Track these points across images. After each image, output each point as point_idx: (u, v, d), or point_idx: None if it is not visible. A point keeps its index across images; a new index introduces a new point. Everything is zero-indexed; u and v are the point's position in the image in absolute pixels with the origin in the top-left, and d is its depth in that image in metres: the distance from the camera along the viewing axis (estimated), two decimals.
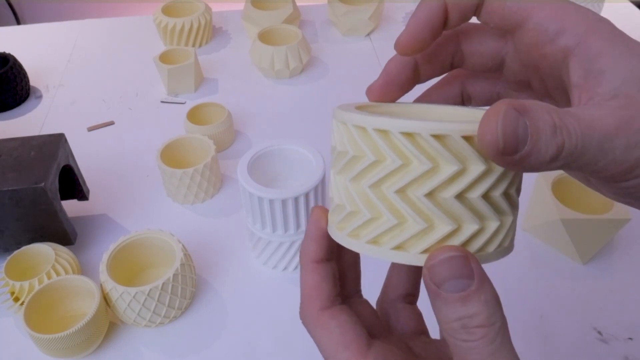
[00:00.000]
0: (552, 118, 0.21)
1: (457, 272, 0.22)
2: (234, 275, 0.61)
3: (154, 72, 0.93)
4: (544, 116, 0.21)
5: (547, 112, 0.21)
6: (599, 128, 0.21)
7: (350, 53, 0.99)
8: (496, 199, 0.23)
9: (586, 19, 0.24)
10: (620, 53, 0.23)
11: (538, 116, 0.21)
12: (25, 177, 0.56)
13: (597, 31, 0.23)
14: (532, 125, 0.21)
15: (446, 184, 0.22)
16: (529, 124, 0.20)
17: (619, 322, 0.56)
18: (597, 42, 0.23)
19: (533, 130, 0.20)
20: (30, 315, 0.51)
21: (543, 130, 0.21)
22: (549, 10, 0.24)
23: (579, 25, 0.23)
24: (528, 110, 0.21)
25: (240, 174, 0.55)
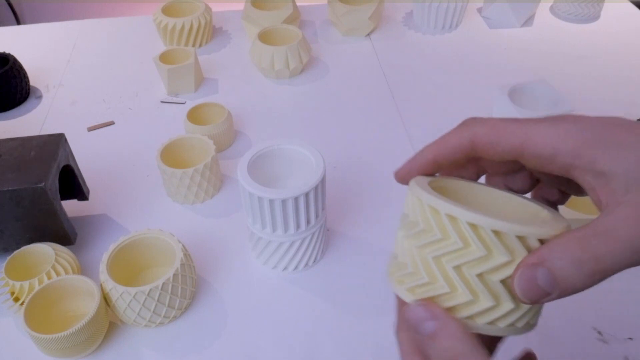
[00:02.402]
0: (573, 253, 0.24)
1: None
2: (234, 275, 0.61)
3: (154, 72, 0.93)
4: (564, 257, 0.24)
5: (568, 250, 0.24)
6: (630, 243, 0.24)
7: (350, 53, 0.99)
8: None
9: (573, 134, 0.27)
10: (611, 150, 0.26)
11: (556, 261, 0.24)
12: (25, 177, 0.56)
13: (585, 141, 0.26)
14: (552, 271, 0.24)
15: (495, 270, 0.26)
16: (549, 272, 0.24)
17: (619, 322, 0.56)
18: (588, 150, 0.26)
19: (555, 276, 0.24)
20: (30, 315, 0.51)
21: (567, 271, 0.24)
22: (538, 140, 0.27)
23: (567, 144, 0.27)
24: (544, 260, 0.24)
25: (240, 174, 0.55)
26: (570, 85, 0.88)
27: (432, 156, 0.32)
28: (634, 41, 1.01)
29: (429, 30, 1.05)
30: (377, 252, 0.63)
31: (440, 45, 1.01)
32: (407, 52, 0.99)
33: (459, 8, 1.02)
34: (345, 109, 0.86)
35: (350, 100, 0.87)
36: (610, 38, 1.01)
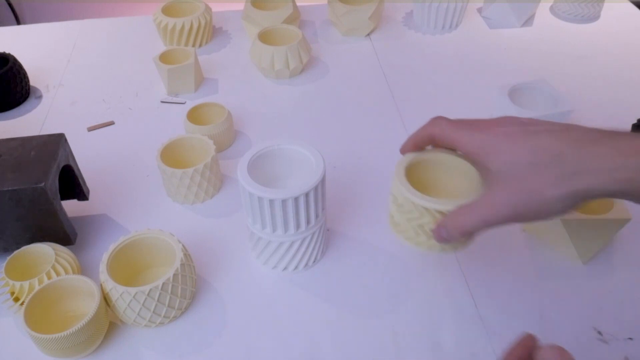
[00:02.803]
0: (455, 225, 0.45)
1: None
2: (234, 275, 0.61)
3: (154, 72, 0.93)
4: (449, 222, 0.45)
5: (453, 222, 0.45)
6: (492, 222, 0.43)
7: (350, 53, 0.99)
8: None
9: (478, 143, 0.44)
10: (493, 156, 0.43)
11: (447, 224, 0.45)
12: (25, 177, 0.56)
13: (482, 148, 0.44)
14: (446, 228, 0.46)
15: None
16: (445, 229, 0.46)
17: (619, 322, 0.56)
18: (482, 155, 0.44)
19: (447, 230, 0.45)
20: (30, 315, 0.51)
21: (452, 233, 0.45)
22: (461, 143, 0.46)
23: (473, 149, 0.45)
24: (441, 224, 0.46)
25: (240, 174, 0.55)
26: (570, 85, 0.88)
27: (412, 142, 0.51)
28: (634, 41, 1.01)
29: (429, 30, 1.05)
30: (377, 252, 0.63)
31: (440, 45, 1.01)
32: (407, 52, 0.99)
33: (459, 8, 1.02)
34: (345, 109, 0.86)
35: (350, 100, 0.87)
36: (610, 38, 1.01)
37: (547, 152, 0.40)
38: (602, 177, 0.38)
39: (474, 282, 0.60)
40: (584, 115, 0.82)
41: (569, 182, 0.39)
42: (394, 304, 0.58)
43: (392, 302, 0.58)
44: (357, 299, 0.59)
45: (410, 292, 0.59)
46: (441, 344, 0.55)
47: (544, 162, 0.40)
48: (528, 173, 0.41)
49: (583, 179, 0.39)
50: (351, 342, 0.55)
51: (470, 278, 0.60)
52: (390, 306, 0.58)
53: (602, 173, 0.38)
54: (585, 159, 0.39)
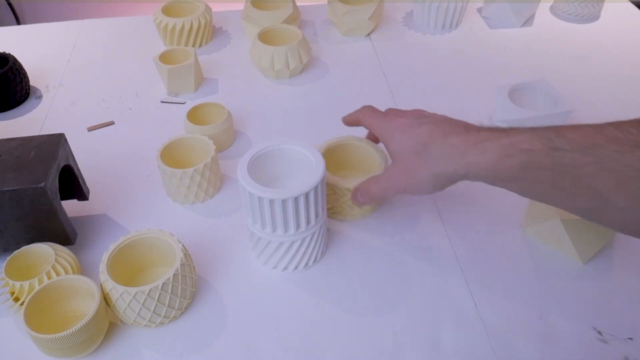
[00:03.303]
0: (366, 192, 0.59)
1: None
2: (234, 275, 0.61)
3: (154, 72, 0.93)
4: (363, 193, 0.59)
5: (365, 190, 0.59)
6: (392, 191, 0.57)
7: (350, 53, 0.99)
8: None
9: (384, 130, 0.58)
10: (391, 142, 0.56)
11: (361, 195, 0.59)
12: (25, 177, 0.56)
13: (385, 135, 0.57)
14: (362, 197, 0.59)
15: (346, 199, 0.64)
16: (360, 197, 0.59)
17: (619, 322, 0.56)
18: (386, 141, 0.57)
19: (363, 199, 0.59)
20: (30, 315, 0.51)
21: (364, 198, 0.59)
22: (373, 129, 0.60)
23: (380, 134, 0.58)
24: (358, 191, 0.59)
25: (240, 174, 0.55)
26: (570, 85, 0.88)
27: (346, 121, 0.64)
28: (634, 41, 1.01)
29: (429, 30, 1.05)
30: (377, 252, 0.63)
31: (440, 45, 1.01)
32: (407, 52, 0.99)
33: (459, 8, 1.02)
34: (345, 109, 0.86)
35: (350, 100, 0.87)
36: (610, 38, 1.01)
37: (420, 142, 0.52)
38: (452, 163, 0.49)
39: (474, 282, 0.60)
40: (584, 115, 0.82)
41: (431, 165, 0.51)
42: (394, 304, 0.58)
43: (392, 302, 0.58)
44: (357, 299, 0.59)
45: (410, 292, 0.59)
46: (441, 344, 0.55)
47: (418, 150, 0.52)
48: (410, 157, 0.53)
49: (439, 163, 0.50)
50: (351, 342, 0.55)
51: (470, 278, 0.60)
52: (390, 306, 0.58)
53: (452, 159, 0.49)
54: (443, 147, 0.50)
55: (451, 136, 0.50)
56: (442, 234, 0.65)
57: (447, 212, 0.68)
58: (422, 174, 0.52)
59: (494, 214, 0.68)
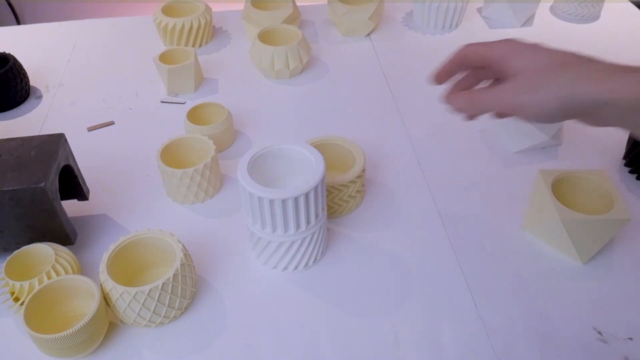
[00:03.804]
0: (470, 100, 0.52)
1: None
2: (234, 275, 0.61)
3: (154, 72, 0.93)
4: (465, 100, 0.53)
5: (469, 97, 0.52)
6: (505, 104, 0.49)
7: (350, 53, 0.99)
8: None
9: (504, 49, 0.51)
10: (517, 57, 0.50)
11: (461, 102, 0.53)
12: (25, 177, 0.56)
13: (508, 53, 0.50)
14: (460, 104, 0.54)
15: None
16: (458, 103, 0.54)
17: (619, 322, 0.56)
18: (507, 57, 0.50)
19: (460, 107, 0.54)
20: (30, 315, 0.51)
21: (465, 106, 0.53)
22: (489, 53, 0.52)
23: (500, 54, 0.51)
24: (456, 98, 0.54)
25: (240, 174, 0.55)
26: None
27: (446, 66, 0.56)
28: (634, 41, 1.01)
29: (429, 30, 1.05)
30: (377, 252, 0.63)
31: (440, 45, 1.01)
32: (407, 52, 0.99)
33: (459, 8, 1.02)
34: (345, 109, 0.86)
35: (350, 100, 0.87)
36: (610, 38, 1.01)
37: (557, 61, 0.48)
38: (594, 85, 0.45)
39: (474, 282, 0.60)
40: None
41: (566, 84, 0.46)
42: (394, 304, 0.58)
43: (392, 302, 0.58)
44: (357, 299, 0.59)
45: (410, 292, 0.59)
46: (441, 344, 0.55)
47: (553, 67, 0.48)
48: (539, 73, 0.48)
49: (581, 83, 0.46)
50: (351, 342, 0.55)
51: (470, 278, 0.60)
52: (390, 306, 0.58)
53: (595, 81, 0.45)
54: (587, 70, 0.47)
55: (595, 63, 0.47)
56: (442, 235, 0.65)
57: (447, 212, 0.68)
58: (550, 91, 0.46)
59: (494, 214, 0.68)
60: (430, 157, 0.76)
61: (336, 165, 0.70)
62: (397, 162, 0.76)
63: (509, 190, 0.71)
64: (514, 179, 0.73)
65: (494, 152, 0.77)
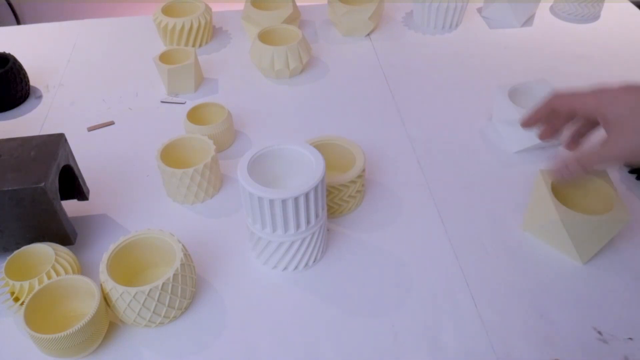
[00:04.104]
0: (578, 160, 0.55)
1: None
2: (234, 275, 0.61)
3: (154, 72, 0.93)
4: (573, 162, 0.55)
5: (577, 155, 0.55)
6: (613, 158, 0.52)
7: (350, 53, 0.99)
8: None
9: (595, 98, 0.54)
10: (610, 107, 0.52)
11: (576, 157, 0.55)
12: (25, 177, 0.56)
13: (601, 101, 0.53)
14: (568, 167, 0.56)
15: None
16: (569, 165, 0.56)
17: (619, 322, 0.56)
18: (601, 108, 0.53)
19: (570, 171, 0.56)
20: (30, 315, 0.51)
21: (571, 167, 0.55)
22: (580, 104, 0.55)
23: (592, 104, 0.54)
24: (566, 160, 0.55)
25: (240, 174, 0.55)
26: (570, 85, 0.88)
27: (536, 114, 0.60)
28: (634, 41, 1.01)
29: (429, 30, 1.05)
30: (377, 252, 0.63)
31: (440, 45, 1.01)
32: (407, 52, 0.99)
33: (459, 8, 1.02)
34: (345, 109, 0.86)
35: (350, 100, 0.88)
36: (610, 38, 1.01)
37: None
38: None
39: (474, 282, 0.60)
40: None
41: None
42: (394, 304, 0.58)
43: (392, 302, 0.58)
44: (357, 299, 0.59)
45: (410, 292, 0.59)
46: (441, 344, 0.55)
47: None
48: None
49: None
50: (351, 342, 0.55)
51: (470, 278, 0.60)
52: (390, 306, 0.58)
53: None
54: None
55: None
56: (442, 235, 0.65)
57: (447, 212, 0.68)
58: None
59: (494, 214, 0.68)
60: (430, 157, 0.76)
61: (336, 165, 0.70)
62: (397, 162, 0.76)
63: (509, 190, 0.71)
64: (514, 179, 0.73)
65: (494, 152, 0.77)
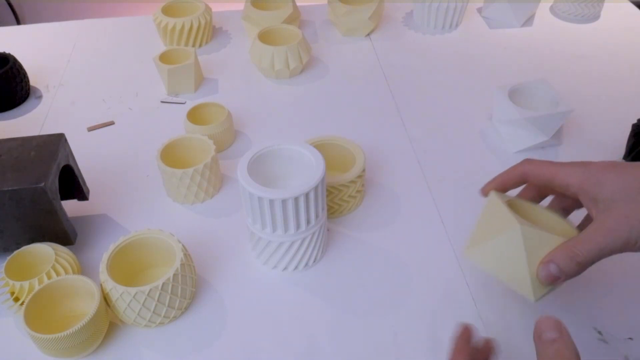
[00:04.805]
0: (567, 253, 0.44)
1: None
2: (234, 275, 0.61)
3: (154, 72, 0.93)
4: (563, 256, 0.45)
5: (564, 251, 0.44)
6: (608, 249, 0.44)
7: (350, 53, 0.99)
8: None
9: (579, 175, 0.46)
10: (598, 187, 0.44)
11: (558, 259, 0.45)
12: (25, 177, 0.56)
13: (585, 180, 0.45)
14: (557, 264, 0.45)
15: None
16: (556, 265, 0.45)
17: (619, 322, 0.56)
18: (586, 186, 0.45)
19: (560, 267, 0.45)
20: (30, 315, 0.51)
21: (565, 266, 0.44)
22: (561, 178, 0.47)
23: (575, 181, 0.46)
24: (552, 258, 0.45)
25: (240, 174, 0.55)
26: (570, 85, 0.88)
27: (500, 180, 0.51)
28: (634, 41, 1.01)
29: (429, 30, 1.05)
30: (377, 252, 0.63)
31: (440, 45, 1.01)
32: (407, 52, 0.99)
33: (459, 8, 1.02)
34: (345, 109, 0.86)
35: (350, 100, 0.88)
36: (610, 38, 1.01)
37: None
38: None
39: (474, 282, 0.60)
40: (584, 115, 0.82)
41: None
42: (394, 304, 0.58)
43: (392, 302, 0.58)
44: (357, 299, 0.59)
45: (410, 292, 0.59)
46: (441, 344, 0.55)
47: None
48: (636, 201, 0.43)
49: None
50: (351, 342, 0.55)
51: (470, 278, 0.60)
52: (390, 306, 0.58)
53: None
54: None
55: None
56: (442, 235, 0.65)
57: (447, 212, 0.68)
58: None
59: None
60: (430, 157, 0.76)
61: (336, 165, 0.70)
62: (397, 162, 0.76)
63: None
64: None
65: (494, 152, 0.77)
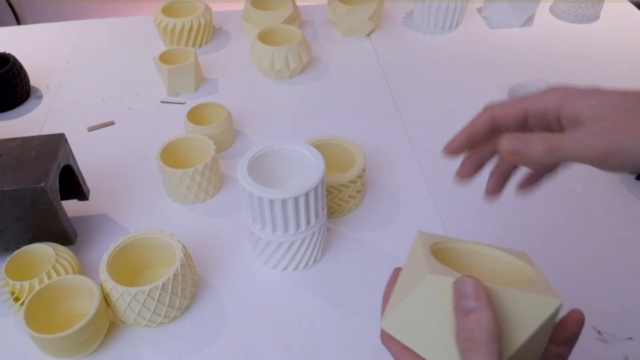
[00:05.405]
0: (542, 136, 0.38)
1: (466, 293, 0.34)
2: (234, 275, 0.61)
3: (154, 72, 0.93)
4: (535, 136, 0.38)
5: (539, 134, 0.38)
6: (588, 153, 0.37)
7: (350, 53, 0.99)
8: None
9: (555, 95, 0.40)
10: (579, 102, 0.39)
11: (530, 136, 0.38)
12: (26, 177, 0.56)
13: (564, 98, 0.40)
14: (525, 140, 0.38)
15: None
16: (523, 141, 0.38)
17: (619, 322, 0.56)
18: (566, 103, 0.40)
19: (526, 142, 0.38)
20: (30, 315, 0.51)
21: (533, 143, 0.38)
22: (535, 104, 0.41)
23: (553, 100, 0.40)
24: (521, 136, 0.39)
25: (240, 174, 0.55)
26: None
27: (468, 134, 0.43)
28: (633, 41, 1.01)
29: (429, 30, 1.05)
30: (377, 252, 0.63)
31: (440, 45, 1.01)
32: (407, 52, 0.99)
33: (459, 8, 1.02)
34: (345, 109, 0.86)
35: (350, 100, 0.87)
36: (610, 38, 1.01)
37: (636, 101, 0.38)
38: None
39: None
40: None
41: None
42: None
43: None
44: (357, 299, 0.59)
45: None
46: None
47: (635, 105, 0.38)
48: (620, 114, 0.37)
49: None
50: (351, 342, 0.55)
51: None
52: None
53: None
54: None
55: None
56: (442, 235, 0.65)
57: (447, 212, 0.68)
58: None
59: (494, 214, 0.68)
60: (430, 157, 0.76)
61: (336, 165, 0.70)
62: (397, 162, 0.76)
63: (509, 190, 0.71)
64: (514, 178, 0.72)
65: None
